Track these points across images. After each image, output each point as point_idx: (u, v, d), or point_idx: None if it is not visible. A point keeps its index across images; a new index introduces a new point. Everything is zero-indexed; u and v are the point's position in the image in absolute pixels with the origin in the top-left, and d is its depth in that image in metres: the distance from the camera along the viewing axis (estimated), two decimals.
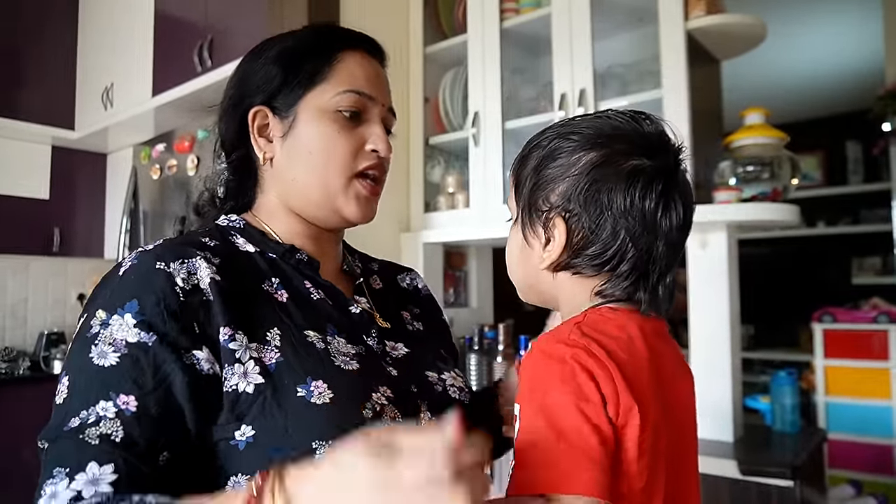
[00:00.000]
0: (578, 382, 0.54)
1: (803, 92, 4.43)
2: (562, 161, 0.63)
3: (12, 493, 2.85)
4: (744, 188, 1.77)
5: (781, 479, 1.46)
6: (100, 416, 0.58)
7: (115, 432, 0.57)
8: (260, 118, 0.77)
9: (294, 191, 0.76)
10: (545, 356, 0.57)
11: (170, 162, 2.56)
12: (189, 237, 0.74)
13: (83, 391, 0.60)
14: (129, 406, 0.59)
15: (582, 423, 0.53)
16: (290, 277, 0.75)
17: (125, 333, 0.61)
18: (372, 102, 0.77)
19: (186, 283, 0.65)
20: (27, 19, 3.10)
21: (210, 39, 2.39)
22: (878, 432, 3.09)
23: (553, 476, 0.52)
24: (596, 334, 0.58)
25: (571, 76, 1.97)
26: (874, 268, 4.47)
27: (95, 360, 0.61)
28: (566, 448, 0.52)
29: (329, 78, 0.75)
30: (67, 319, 3.51)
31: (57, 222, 3.28)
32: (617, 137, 0.63)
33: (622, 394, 0.54)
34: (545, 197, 0.64)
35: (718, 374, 1.68)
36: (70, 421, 0.58)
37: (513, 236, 0.69)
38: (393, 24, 2.42)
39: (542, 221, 0.64)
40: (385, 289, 0.89)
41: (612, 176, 0.61)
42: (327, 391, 0.64)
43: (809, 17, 3.45)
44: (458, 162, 2.46)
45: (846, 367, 3.17)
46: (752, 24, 1.84)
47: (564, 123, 0.66)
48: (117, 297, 0.64)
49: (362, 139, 0.76)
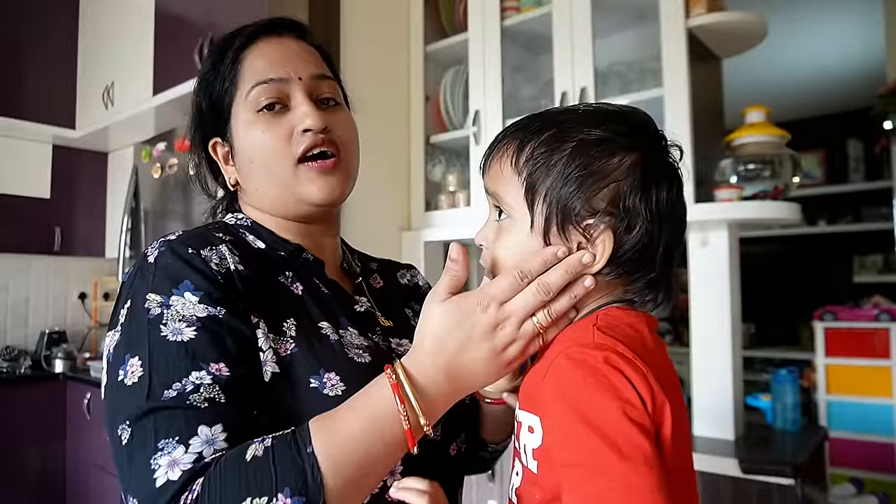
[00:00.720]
0: (617, 387, 0.52)
1: (804, 90, 4.42)
2: (601, 163, 0.59)
3: (14, 492, 2.86)
4: (745, 186, 1.77)
5: (782, 478, 1.46)
6: (196, 384, 0.59)
7: (217, 395, 0.59)
8: (220, 148, 0.78)
9: (262, 199, 0.77)
10: (574, 364, 0.54)
11: (171, 161, 2.56)
12: (204, 229, 0.74)
13: (169, 366, 0.60)
14: (223, 372, 0.60)
15: (633, 431, 0.51)
16: (302, 273, 0.75)
17: (193, 310, 0.62)
18: (286, 83, 0.74)
19: (220, 267, 0.66)
20: (28, 18, 3.10)
21: (211, 38, 2.39)
22: (880, 430, 3.09)
23: (619, 488, 0.49)
24: (618, 334, 0.57)
25: (572, 74, 1.97)
26: (875, 266, 4.46)
27: (170, 336, 0.61)
28: (624, 459, 0.50)
29: (239, 83, 0.74)
30: (68, 318, 3.52)
31: (58, 221, 3.28)
32: (644, 133, 0.61)
33: (656, 392, 0.53)
34: (586, 202, 0.58)
35: (719, 372, 1.68)
36: (162, 394, 0.58)
37: (518, 240, 0.62)
38: (393, 22, 2.42)
39: (581, 229, 0.59)
40: (385, 287, 0.89)
41: (655, 177, 0.59)
42: (340, 383, 0.65)
43: (810, 14, 3.45)
44: (459, 160, 2.46)
45: (847, 365, 3.18)
46: (753, 22, 1.84)
47: (580, 118, 0.62)
48: (165, 281, 0.64)
49: (291, 125, 0.73)
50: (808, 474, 1.57)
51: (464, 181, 2.32)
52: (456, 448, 0.76)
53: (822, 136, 4.69)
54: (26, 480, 2.89)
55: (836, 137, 4.71)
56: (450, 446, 0.75)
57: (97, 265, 3.58)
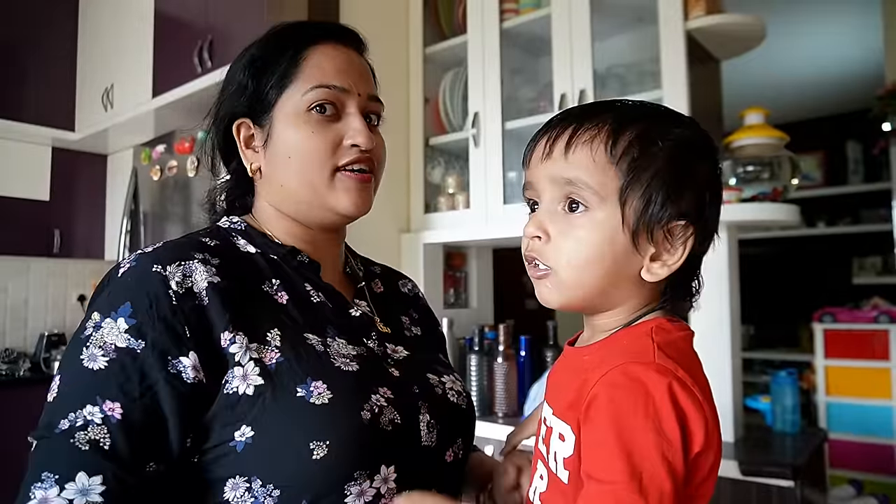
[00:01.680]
0: (662, 420, 0.51)
1: (803, 92, 4.43)
2: (692, 166, 0.58)
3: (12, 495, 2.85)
4: (744, 188, 1.77)
5: (782, 480, 1.46)
6: (87, 420, 0.59)
7: (103, 439, 0.58)
8: (244, 130, 0.77)
9: (284, 196, 0.76)
10: (631, 382, 0.52)
11: (170, 163, 2.56)
12: (190, 237, 0.74)
13: (72, 393, 0.61)
14: (115, 413, 0.59)
15: (660, 468, 0.50)
16: (292, 279, 0.74)
17: (115, 338, 0.62)
18: (346, 94, 0.74)
19: (180, 287, 0.65)
20: (27, 20, 3.10)
21: (210, 40, 2.40)
22: (879, 432, 3.09)
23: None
24: (675, 354, 0.56)
25: (571, 76, 1.97)
26: (874, 268, 4.47)
27: (85, 362, 0.61)
28: (640, 492, 0.50)
29: (297, 78, 0.73)
30: (68, 321, 3.51)
31: (57, 223, 3.28)
32: (713, 144, 0.62)
33: (710, 425, 0.53)
34: (675, 203, 0.57)
35: (719, 374, 1.68)
36: (59, 423, 0.59)
37: (599, 235, 0.57)
38: (392, 24, 2.42)
39: (667, 230, 0.57)
40: (386, 293, 0.89)
41: (719, 190, 0.61)
42: (326, 392, 0.65)
43: (809, 16, 3.45)
44: (459, 162, 2.46)
45: (847, 367, 3.18)
46: (752, 24, 1.84)
47: (662, 113, 0.61)
48: (113, 300, 0.64)
49: (340, 135, 0.73)
50: (808, 476, 1.57)
51: (463, 183, 2.32)
52: (452, 454, 0.76)
53: (821, 137, 4.70)
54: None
55: (835, 139, 4.71)
56: (445, 452, 0.75)
57: (96, 267, 3.58)
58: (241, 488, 0.62)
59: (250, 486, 0.62)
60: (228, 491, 0.62)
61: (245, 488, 0.62)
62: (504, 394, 1.94)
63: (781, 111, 3.68)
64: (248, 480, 0.62)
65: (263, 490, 0.61)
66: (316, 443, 0.62)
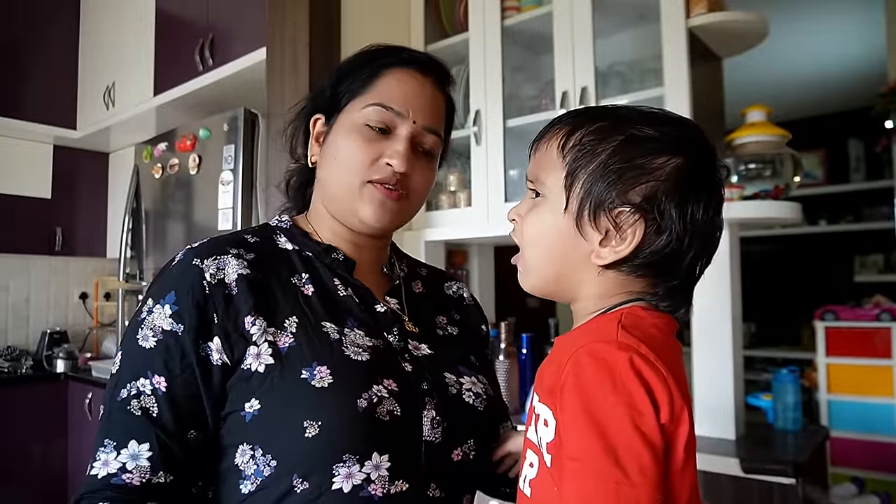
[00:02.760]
0: (632, 394, 0.52)
1: (805, 89, 4.42)
2: (645, 160, 0.60)
3: (15, 492, 2.86)
4: (745, 186, 1.77)
5: (783, 477, 1.46)
6: (140, 390, 0.69)
7: (152, 407, 0.69)
8: (319, 126, 0.84)
9: (327, 193, 0.82)
10: (595, 361, 0.54)
11: (171, 161, 2.56)
12: (236, 234, 0.82)
13: (129, 367, 0.71)
14: (161, 386, 0.69)
15: (635, 440, 0.51)
16: (321, 274, 0.80)
17: (162, 321, 0.71)
18: (401, 118, 0.79)
19: (213, 278, 0.73)
20: (29, 18, 3.10)
21: (211, 38, 2.40)
22: (881, 430, 3.09)
23: (607, 491, 0.50)
24: (640, 334, 0.57)
25: (573, 74, 1.97)
26: (876, 265, 4.46)
27: (140, 341, 0.71)
28: (618, 465, 0.50)
29: (367, 92, 0.80)
30: (70, 318, 3.52)
31: (59, 221, 3.29)
32: (694, 142, 0.62)
33: (675, 397, 0.53)
34: (622, 192, 0.59)
35: (720, 371, 1.68)
36: (120, 392, 0.70)
37: (548, 220, 0.63)
38: (394, 22, 2.42)
39: (612, 216, 0.60)
40: (426, 293, 0.92)
41: (698, 187, 0.60)
42: (328, 376, 0.69)
43: (811, 14, 3.45)
44: (460, 160, 2.46)
45: (848, 364, 3.17)
46: (754, 22, 1.84)
47: (636, 115, 0.63)
48: (162, 288, 0.73)
49: (381, 152, 0.78)
50: (810, 474, 1.57)
51: (465, 181, 2.32)
52: (461, 454, 0.76)
53: (822, 135, 4.69)
54: (28, 481, 2.90)
55: (837, 137, 4.70)
56: (452, 451, 0.75)
57: (98, 265, 3.58)
58: (247, 455, 0.69)
59: (254, 455, 0.69)
60: (238, 456, 0.70)
61: (250, 455, 0.69)
62: (506, 391, 1.95)
63: (783, 109, 3.68)
64: (253, 448, 0.69)
65: (263, 459, 0.68)
66: (309, 422, 0.67)
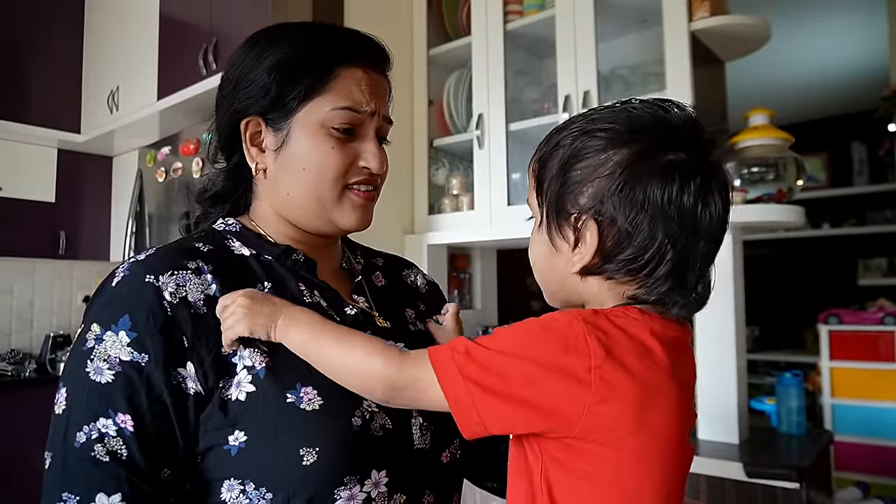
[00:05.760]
0: (564, 332, 0.55)
1: (808, 93, 4.42)
2: (590, 160, 0.59)
3: (19, 495, 2.86)
4: (749, 189, 1.77)
5: (787, 482, 1.46)
6: (102, 432, 0.61)
7: (120, 450, 0.61)
8: (252, 127, 0.74)
9: (288, 203, 0.75)
10: (534, 319, 0.57)
11: (175, 165, 2.57)
12: (183, 242, 0.73)
13: (83, 407, 0.62)
14: (128, 425, 0.62)
15: (559, 353, 0.54)
16: (285, 281, 0.74)
17: (119, 351, 0.63)
18: (367, 116, 0.74)
19: (174, 297, 0.65)
20: (33, 23, 3.12)
21: (215, 43, 2.40)
22: (885, 434, 3.08)
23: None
24: (606, 323, 0.56)
25: (575, 78, 1.97)
26: (880, 269, 4.45)
27: (92, 375, 0.63)
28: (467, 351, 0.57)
29: (325, 93, 0.72)
30: (73, 322, 3.53)
31: (63, 225, 3.29)
32: (646, 131, 0.58)
33: (594, 361, 0.54)
34: (573, 199, 0.59)
35: (724, 375, 1.68)
36: (75, 436, 0.61)
37: (536, 239, 0.65)
38: (397, 26, 2.42)
39: (571, 224, 0.60)
40: (388, 286, 0.87)
41: (646, 173, 0.57)
42: (317, 398, 0.65)
43: (814, 17, 3.45)
44: (463, 164, 2.46)
45: (852, 368, 3.16)
46: (757, 25, 1.84)
47: (586, 118, 0.62)
48: (111, 311, 0.65)
49: (355, 155, 0.74)
50: (814, 478, 1.56)
51: (467, 184, 2.32)
52: (449, 455, 0.76)
53: (825, 138, 4.68)
54: (31, 484, 2.89)
55: (840, 140, 4.70)
56: (441, 454, 0.74)
57: (102, 269, 3.59)
58: (235, 490, 0.63)
59: (244, 489, 0.63)
60: (225, 492, 0.64)
61: (239, 490, 0.63)
62: None
63: (786, 112, 3.67)
64: (242, 483, 0.63)
65: (257, 493, 0.63)
66: (306, 449, 0.63)
